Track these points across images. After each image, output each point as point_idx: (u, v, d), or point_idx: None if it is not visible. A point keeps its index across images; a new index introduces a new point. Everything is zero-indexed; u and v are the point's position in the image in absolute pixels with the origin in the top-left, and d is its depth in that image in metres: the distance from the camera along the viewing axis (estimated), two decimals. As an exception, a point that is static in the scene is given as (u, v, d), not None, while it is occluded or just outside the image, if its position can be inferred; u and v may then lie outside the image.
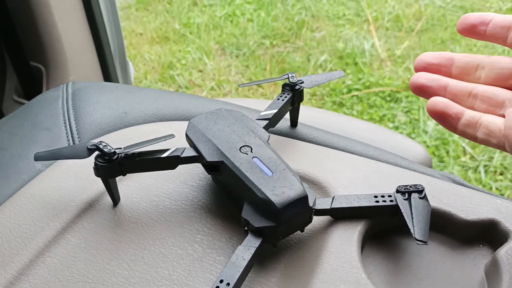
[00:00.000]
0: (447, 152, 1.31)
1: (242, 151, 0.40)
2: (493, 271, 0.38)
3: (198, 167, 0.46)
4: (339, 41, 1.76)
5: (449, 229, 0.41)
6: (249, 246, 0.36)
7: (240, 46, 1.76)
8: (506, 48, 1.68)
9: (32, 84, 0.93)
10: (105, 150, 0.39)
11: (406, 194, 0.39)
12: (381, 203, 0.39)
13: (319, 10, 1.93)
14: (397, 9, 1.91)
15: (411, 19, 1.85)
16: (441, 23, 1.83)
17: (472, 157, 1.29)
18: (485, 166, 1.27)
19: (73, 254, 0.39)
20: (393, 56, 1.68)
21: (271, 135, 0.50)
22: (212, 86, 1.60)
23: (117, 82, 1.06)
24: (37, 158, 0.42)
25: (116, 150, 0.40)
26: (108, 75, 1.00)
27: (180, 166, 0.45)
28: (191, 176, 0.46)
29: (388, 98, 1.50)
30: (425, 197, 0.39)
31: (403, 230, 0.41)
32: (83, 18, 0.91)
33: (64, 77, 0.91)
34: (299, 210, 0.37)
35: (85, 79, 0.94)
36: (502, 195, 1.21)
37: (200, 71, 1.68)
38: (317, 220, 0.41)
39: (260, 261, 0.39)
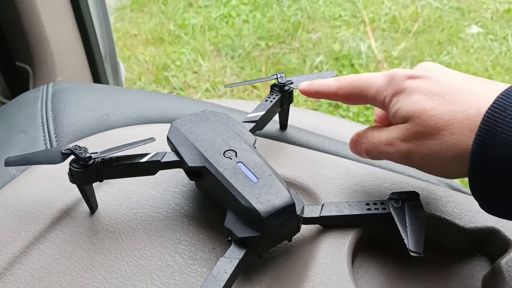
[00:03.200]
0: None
1: (226, 155, 0.37)
2: (492, 283, 0.35)
3: (181, 172, 0.44)
4: (335, 42, 1.74)
5: (445, 238, 0.39)
6: (232, 257, 0.34)
7: (236, 47, 1.74)
8: (503, 49, 1.66)
9: (18, 85, 0.90)
10: (80, 154, 0.37)
11: (400, 202, 0.37)
12: (373, 211, 0.37)
13: (315, 12, 1.91)
14: (393, 11, 1.89)
15: (408, 20, 1.83)
16: (437, 24, 1.81)
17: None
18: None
19: (45, 265, 0.37)
20: (390, 58, 1.66)
21: (259, 138, 0.48)
22: (207, 87, 1.58)
23: (107, 83, 1.04)
24: (8, 163, 0.39)
25: (92, 155, 0.37)
26: (97, 76, 0.98)
27: (162, 172, 0.42)
28: (174, 182, 0.43)
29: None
30: (420, 205, 0.37)
31: (397, 239, 0.39)
32: (71, 18, 0.89)
33: (51, 78, 0.88)
34: (285, 219, 0.34)
35: (73, 81, 0.92)
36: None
37: (195, 72, 1.65)
38: (305, 229, 0.39)
39: (244, 273, 0.36)
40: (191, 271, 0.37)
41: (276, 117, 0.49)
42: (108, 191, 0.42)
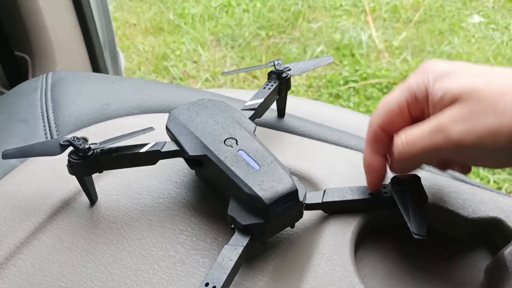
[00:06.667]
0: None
1: (226, 143, 0.37)
2: (495, 273, 0.35)
3: (182, 162, 0.44)
4: (336, 32, 1.73)
5: (448, 228, 0.39)
6: (236, 245, 0.33)
7: (236, 37, 1.73)
8: (505, 39, 1.64)
9: (17, 74, 0.90)
10: (79, 146, 0.36)
11: (402, 185, 0.37)
12: (375, 196, 0.37)
13: (315, 1, 1.90)
14: (394, 0, 1.87)
15: (409, 9, 1.82)
16: (439, 13, 1.80)
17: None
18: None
19: (46, 255, 0.37)
20: (391, 47, 1.65)
21: (258, 127, 0.48)
22: (206, 77, 1.57)
23: (107, 73, 1.03)
24: (5, 156, 0.39)
25: (91, 146, 0.37)
26: (97, 65, 0.97)
27: (163, 161, 0.42)
28: (175, 172, 0.43)
29: (386, 90, 1.47)
30: (421, 188, 0.37)
31: (399, 229, 0.39)
32: (70, 7, 0.88)
33: (51, 67, 0.88)
34: (288, 205, 0.34)
35: (72, 70, 0.91)
36: (500, 188, 1.19)
37: (195, 62, 1.64)
38: (308, 218, 0.38)
39: (247, 262, 0.36)
40: (193, 261, 0.36)
41: (274, 106, 0.48)
42: (108, 181, 0.42)
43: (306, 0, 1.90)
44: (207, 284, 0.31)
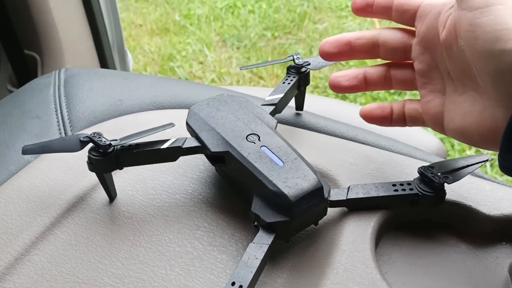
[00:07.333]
0: (452, 146, 1.28)
1: (249, 139, 0.36)
2: (519, 271, 0.35)
3: (198, 158, 0.43)
4: (342, 33, 1.73)
5: (469, 225, 0.38)
6: (261, 243, 0.33)
7: (241, 38, 1.73)
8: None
9: (26, 73, 0.90)
10: (100, 142, 0.36)
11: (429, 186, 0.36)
12: (400, 192, 0.36)
13: (321, 2, 1.90)
14: (401, 1, 1.87)
15: (416, 10, 1.82)
16: (446, 14, 1.80)
17: (477, 151, 1.26)
18: (490, 160, 1.23)
19: (62, 251, 0.36)
20: (398, 48, 1.64)
21: (276, 124, 0.47)
22: (212, 78, 1.57)
23: (115, 72, 1.03)
24: (25, 151, 0.38)
25: (111, 142, 0.36)
26: (105, 64, 0.97)
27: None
28: (191, 168, 0.42)
29: (392, 91, 1.47)
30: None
31: (419, 225, 0.38)
32: (79, 6, 0.88)
33: (60, 66, 0.88)
34: (314, 203, 0.33)
35: (81, 69, 0.91)
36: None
37: (201, 63, 1.64)
38: (329, 212, 0.38)
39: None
40: (210, 257, 0.36)
41: (291, 103, 0.48)
42: (124, 177, 0.42)
43: (311, 1, 1.90)
44: (233, 283, 0.30)
